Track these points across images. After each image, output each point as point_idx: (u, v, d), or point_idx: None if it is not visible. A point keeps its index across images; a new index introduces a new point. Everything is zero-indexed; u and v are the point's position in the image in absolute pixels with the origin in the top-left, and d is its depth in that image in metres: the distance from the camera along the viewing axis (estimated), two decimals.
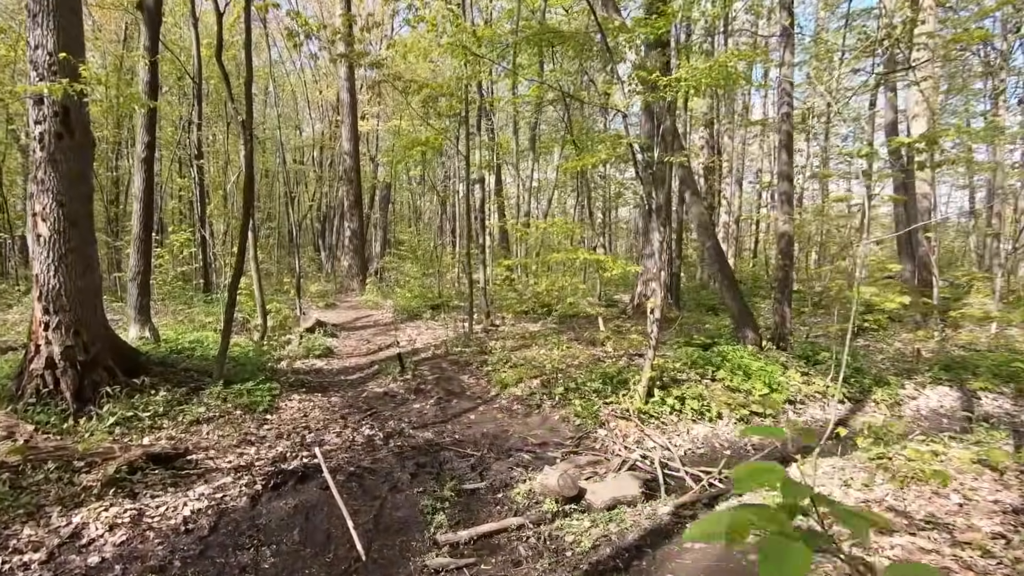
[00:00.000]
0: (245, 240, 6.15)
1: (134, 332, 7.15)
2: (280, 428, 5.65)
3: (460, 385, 7.24)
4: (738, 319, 8.60)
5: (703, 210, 9.20)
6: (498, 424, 6.01)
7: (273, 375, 7.23)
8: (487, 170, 14.22)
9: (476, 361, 8.08)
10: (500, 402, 6.63)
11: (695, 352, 7.37)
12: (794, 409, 6.74)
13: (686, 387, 6.48)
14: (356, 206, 21.57)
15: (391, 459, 5.05)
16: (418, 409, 6.49)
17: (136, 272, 7.08)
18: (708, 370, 6.94)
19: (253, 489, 4.33)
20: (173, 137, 16.47)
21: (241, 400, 5.89)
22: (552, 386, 6.68)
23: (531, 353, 8.09)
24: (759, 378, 6.79)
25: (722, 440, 5.86)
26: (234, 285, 6.12)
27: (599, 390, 6.50)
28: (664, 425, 5.95)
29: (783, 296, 8.79)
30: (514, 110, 15.71)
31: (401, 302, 14.58)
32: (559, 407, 6.26)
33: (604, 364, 7.53)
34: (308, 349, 8.95)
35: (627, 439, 5.61)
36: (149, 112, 6.97)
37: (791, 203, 9.06)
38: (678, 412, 6.13)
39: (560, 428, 5.88)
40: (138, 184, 6.96)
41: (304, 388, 7.01)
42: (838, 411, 6.91)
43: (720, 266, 8.79)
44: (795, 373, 7.32)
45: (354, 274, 21.19)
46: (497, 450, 5.32)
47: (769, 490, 1.87)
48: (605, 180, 26.27)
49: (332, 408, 6.41)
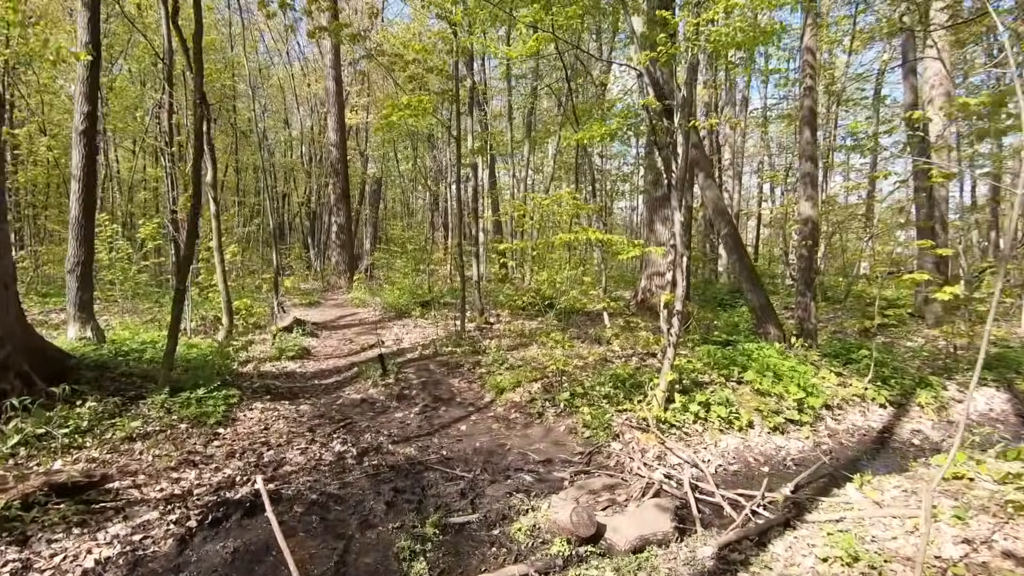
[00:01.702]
0: (196, 225, 5.23)
1: (73, 332, 6.21)
2: (233, 444, 4.74)
3: (449, 390, 6.34)
4: (759, 314, 7.75)
5: (719, 193, 8.35)
6: (493, 437, 5.12)
7: (235, 380, 6.31)
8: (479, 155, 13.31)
9: (468, 362, 7.19)
10: (495, 410, 5.74)
11: (717, 351, 6.51)
12: (832, 415, 5.88)
13: (710, 391, 5.61)
14: (343, 200, 20.62)
15: (364, 483, 4.15)
16: (400, 419, 5.59)
17: (76, 263, 6.14)
18: (733, 371, 6.07)
19: (184, 527, 3.42)
20: (143, 124, 15.45)
21: (188, 411, 4.96)
22: (555, 391, 5.80)
23: (530, 353, 7.21)
24: (791, 380, 5.93)
25: (756, 453, 4.99)
26: (181, 277, 5.19)
27: (610, 395, 5.62)
28: (688, 436, 5.07)
29: (807, 288, 7.95)
30: (508, 87, 14.70)
31: (389, 299, 13.67)
32: (564, 416, 5.38)
33: (613, 365, 6.66)
34: (281, 350, 8.02)
35: (646, 454, 4.73)
36: (89, 78, 6.03)
37: (815, 185, 8.22)
38: (703, 421, 5.26)
39: (566, 441, 4.99)
40: (76, 160, 6.01)
41: (270, 395, 6.09)
42: (880, 417, 6.08)
43: (739, 256, 7.94)
44: (829, 373, 6.47)
45: (341, 271, 20.26)
46: (492, 470, 4.43)
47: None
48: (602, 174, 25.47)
49: (300, 419, 5.50)
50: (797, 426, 5.47)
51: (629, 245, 5.39)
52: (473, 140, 10.40)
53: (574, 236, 5.59)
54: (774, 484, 4.24)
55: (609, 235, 5.26)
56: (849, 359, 7.10)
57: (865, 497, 3.90)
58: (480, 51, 10.48)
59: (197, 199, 5.17)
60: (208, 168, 7.32)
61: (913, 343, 9.87)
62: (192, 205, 5.17)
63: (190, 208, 5.18)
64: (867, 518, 3.51)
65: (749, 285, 7.82)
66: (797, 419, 5.50)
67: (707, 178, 8.36)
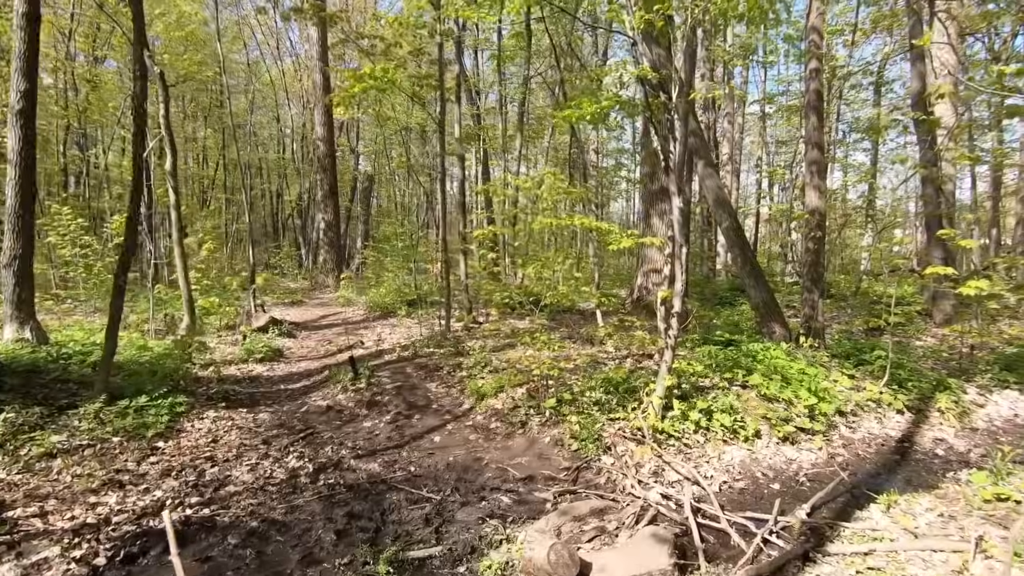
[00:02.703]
0: (137, 210, 4.66)
1: (9, 332, 5.62)
2: (172, 460, 4.17)
3: (426, 395, 5.78)
4: (763, 311, 7.21)
5: (719, 183, 7.80)
6: (470, 449, 4.56)
7: (189, 385, 5.75)
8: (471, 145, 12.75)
9: (448, 365, 6.63)
10: (475, 418, 5.18)
11: (719, 352, 5.97)
12: (846, 422, 5.34)
13: (712, 397, 5.07)
14: (331, 196, 20.02)
15: (315, 506, 3.60)
16: (368, 429, 5.02)
17: (12, 256, 5.55)
18: (737, 374, 5.53)
19: (89, 566, 2.86)
20: (115, 114, 14.86)
21: (124, 422, 4.39)
22: (541, 396, 5.24)
23: (516, 354, 6.65)
24: (801, 384, 5.38)
25: (764, 467, 4.44)
26: (121, 269, 4.62)
27: (601, 402, 5.07)
28: (688, 448, 4.52)
29: (814, 284, 7.42)
30: (498, 72, 14.07)
31: (375, 298, 13.10)
32: (550, 425, 4.82)
33: (606, 368, 6.11)
34: (249, 352, 7.45)
35: (641, 469, 4.18)
36: (27, 52, 5.45)
37: (823, 174, 7.69)
38: (704, 430, 4.71)
39: (551, 454, 4.44)
40: (12, 143, 5.42)
41: (226, 402, 5.52)
42: (898, 424, 5.54)
43: (741, 249, 7.40)
44: (841, 376, 5.93)
45: (329, 269, 19.68)
46: (465, 489, 3.87)
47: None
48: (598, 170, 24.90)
49: (256, 429, 4.94)
50: (809, 435, 4.93)
51: (620, 234, 4.84)
52: (460, 129, 9.85)
53: (556, 222, 5.01)
54: (787, 505, 3.69)
55: (599, 223, 4.70)
56: (861, 360, 6.57)
57: (895, 523, 3.36)
58: (466, 20, 9.71)
59: (138, 184, 4.60)
60: (168, 155, 6.75)
61: (922, 342, 9.36)
62: (132, 189, 4.60)
63: (130, 192, 4.61)
64: (902, 551, 2.96)
65: (752, 281, 7.28)
66: (809, 427, 4.95)
67: (707, 167, 7.82)
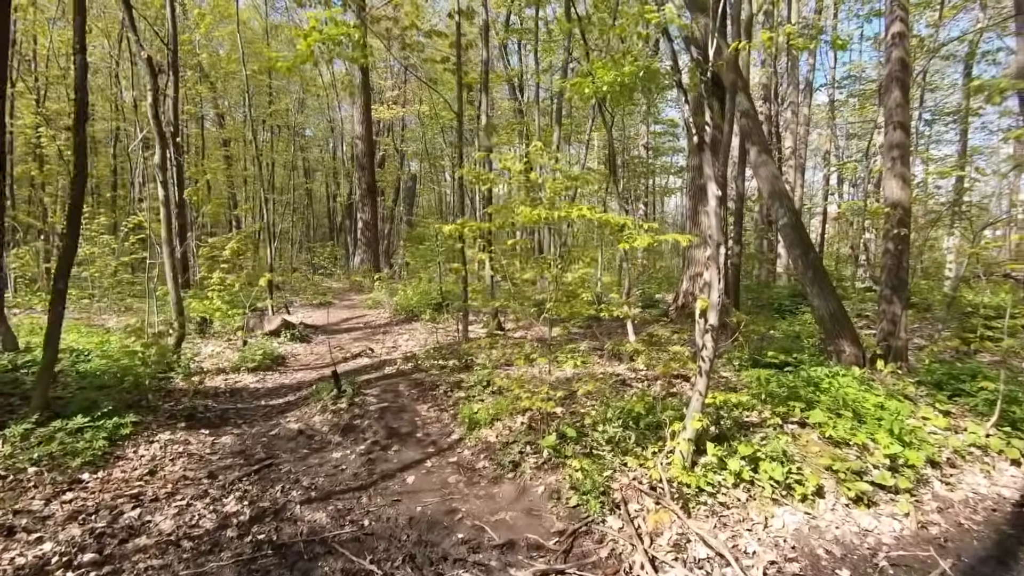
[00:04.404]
0: (81, 200, 4.08)
1: None
2: (90, 499, 3.52)
3: (413, 420, 4.95)
4: (829, 325, 5.95)
5: (776, 172, 6.58)
6: (445, 496, 3.69)
7: (155, 401, 5.17)
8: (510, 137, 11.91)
9: (447, 382, 5.78)
10: (461, 452, 4.30)
11: (771, 377, 4.83)
12: (942, 476, 4.10)
13: (759, 439, 3.98)
14: (369, 195, 19.73)
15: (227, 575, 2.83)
16: (336, 461, 4.24)
17: None
18: (794, 408, 4.39)
19: None
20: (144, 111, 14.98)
21: (49, 447, 3.80)
22: (543, 429, 4.29)
23: (531, 371, 5.72)
24: (879, 423, 4.19)
25: (828, 540, 3.33)
26: (60, 273, 4.05)
27: (616, 439, 4.07)
28: (724, 509, 3.47)
29: (895, 291, 6.10)
30: (535, 53, 13.11)
31: (401, 301, 12.50)
32: (547, 470, 3.87)
33: (630, 392, 5.10)
34: (244, 359, 6.89)
35: (658, 539, 3.18)
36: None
37: (906, 160, 6.33)
38: (748, 484, 3.64)
39: (543, 510, 3.49)
40: None
41: (189, 421, 4.89)
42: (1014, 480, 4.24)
43: (802, 249, 6.16)
44: (933, 413, 4.66)
45: (366, 270, 19.40)
46: (423, 558, 3.00)
47: None
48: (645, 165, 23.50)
49: (209, 456, 4.26)
50: (891, 495, 3.74)
51: (635, 231, 3.82)
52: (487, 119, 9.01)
53: (547, 214, 4.00)
54: None
55: (608, 215, 3.69)
56: (958, 390, 5.23)
57: None
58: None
59: (81, 169, 4.02)
60: (157, 148, 6.28)
61: None
62: (74, 176, 4.02)
63: (72, 180, 4.04)
64: None
65: (816, 288, 6.04)
66: (890, 484, 3.77)
67: (761, 153, 6.61)
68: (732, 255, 8.91)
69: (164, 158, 6.25)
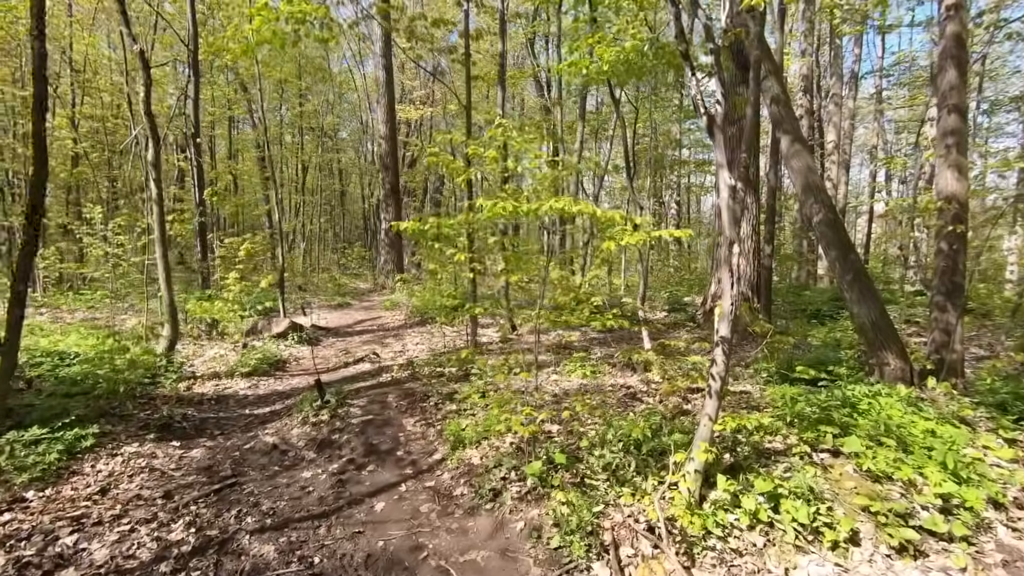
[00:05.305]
0: (41, 199, 3.83)
1: None
2: (27, 521, 3.23)
3: (395, 436, 4.54)
4: (871, 336, 5.25)
5: (811, 164, 5.90)
6: (413, 529, 3.24)
7: (132, 408, 4.92)
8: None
9: (439, 394, 5.34)
10: (441, 475, 3.86)
11: (800, 396, 4.21)
12: (1007, 520, 3.42)
13: (782, 470, 3.40)
14: (392, 195, 19.58)
15: None
16: (304, 481, 3.86)
17: None
18: (825, 434, 3.77)
19: None
20: (167, 113, 15.16)
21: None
22: (531, 452, 3.80)
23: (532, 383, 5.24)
24: (929, 454, 3.54)
25: None
26: (21, 275, 3.81)
27: (613, 466, 3.55)
28: (736, 556, 2.92)
29: (949, 297, 5.35)
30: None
31: (417, 303, 12.20)
32: (530, 501, 3.37)
33: (638, 410, 4.56)
34: (240, 363, 6.64)
35: None
36: None
37: (963, 148, 5.56)
38: (766, 527, 3.07)
39: (520, 551, 3.01)
40: None
41: (161, 431, 4.61)
42: None
43: (840, 250, 5.48)
44: (994, 441, 3.95)
45: (389, 271, 19.28)
46: None
47: None
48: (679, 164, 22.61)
49: (172, 472, 3.95)
50: (943, 543, 3.11)
51: (626, 225, 3.29)
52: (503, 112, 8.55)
53: (518, 208, 3.49)
54: None
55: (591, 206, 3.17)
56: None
57: None
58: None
59: (40, 166, 3.78)
60: (150, 145, 6.09)
61: None
62: (33, 173, 3.78)
63: (31, 178, 3.80)
64: None
65: (856, 294, 5.34)
66: (943, 531, 3.13)
67: (794, 143, 5.95)
68: (763, 256, 8.20)
69: (157, 155, 6.05)
